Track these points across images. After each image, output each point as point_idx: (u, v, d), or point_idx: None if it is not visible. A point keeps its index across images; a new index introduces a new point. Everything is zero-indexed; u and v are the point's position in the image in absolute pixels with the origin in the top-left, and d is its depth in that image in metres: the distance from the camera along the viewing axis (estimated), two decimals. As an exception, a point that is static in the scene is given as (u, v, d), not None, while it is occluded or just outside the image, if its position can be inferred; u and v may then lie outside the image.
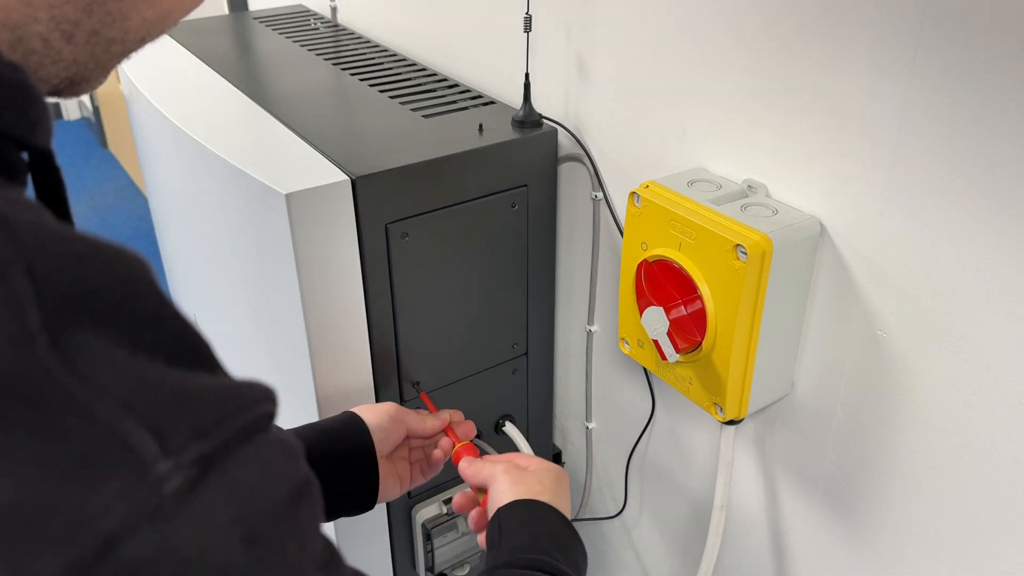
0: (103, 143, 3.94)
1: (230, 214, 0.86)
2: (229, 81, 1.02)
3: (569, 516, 0.68)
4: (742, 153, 0.72)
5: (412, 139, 0.85)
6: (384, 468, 0.74)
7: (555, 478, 0.70)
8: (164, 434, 0.27)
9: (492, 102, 0.95)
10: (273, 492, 0.30)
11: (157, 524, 0.26)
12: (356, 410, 0.75)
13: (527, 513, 0.66)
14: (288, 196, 0.73)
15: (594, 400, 1.04)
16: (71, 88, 0.35)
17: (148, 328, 0.29)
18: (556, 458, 1.13)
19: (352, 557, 0.94)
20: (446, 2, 1.04)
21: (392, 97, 0.97)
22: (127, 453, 0.26)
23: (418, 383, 0.89)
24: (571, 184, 0.93)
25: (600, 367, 1.00)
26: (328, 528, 0.90)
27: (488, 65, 1.00)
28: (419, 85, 1.01)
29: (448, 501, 0.98)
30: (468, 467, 0.73)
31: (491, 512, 0.67)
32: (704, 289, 0.68)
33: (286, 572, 0.30)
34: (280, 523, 0.30)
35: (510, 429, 0.98)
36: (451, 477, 0.98)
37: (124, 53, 0.36)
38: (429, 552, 0.97)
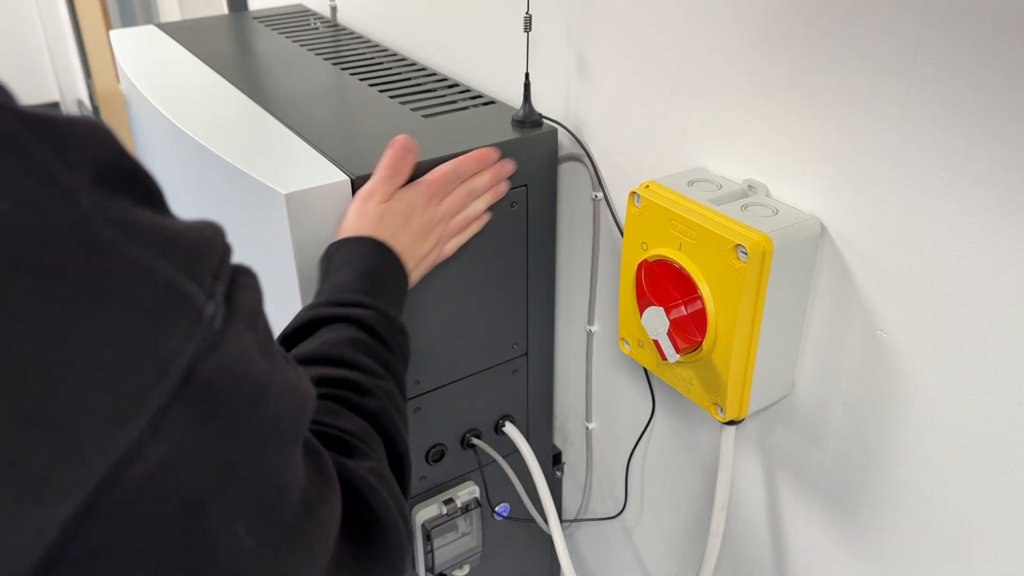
0: (103, 143, 3.93)
1: (230, 214, 0.86)
2: (229, 81, 1.02)
3: (406, 247, 0.73)
4: (742, 153, 0.72)
5: (412, 139, 0.84)
6: None
7: (402, 217, 0.74)
8: (200, 281, 0.33)
9: (492, 102, 0.95)
10: (261, 308, 0.39)
11: (214, 352, 0.33)
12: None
13: (354, 251, 0.70)
14: (288, 196, 0.73)
15: (594, 400, 1.03)
16: None
17: (134, 182, 0.33)
18: (556, 458, 1.13)
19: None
20: (446, 2, 1.04)
21: (392, 97, 0.97)
22: (185, 303, 0.33)
23: (418, 382, 0.89)
24: (571, 184, 0.93)
25: (600, 367, 1.00)
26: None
27: (488, 65, 0.99)
28: (419, 85, 1.01)
29: (448, 501, 0.98)
30: None
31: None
32: (704, 289, 0.68)
33: (279, 367, 0.39)
34: (268, 332, 0.40)
35: (510, 429, 0.98)
36: (451, 477, 0.98)
37: None
38: (429, 552, 0.97)
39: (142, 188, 0.34)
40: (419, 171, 0.79)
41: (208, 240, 0.36)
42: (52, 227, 0.29)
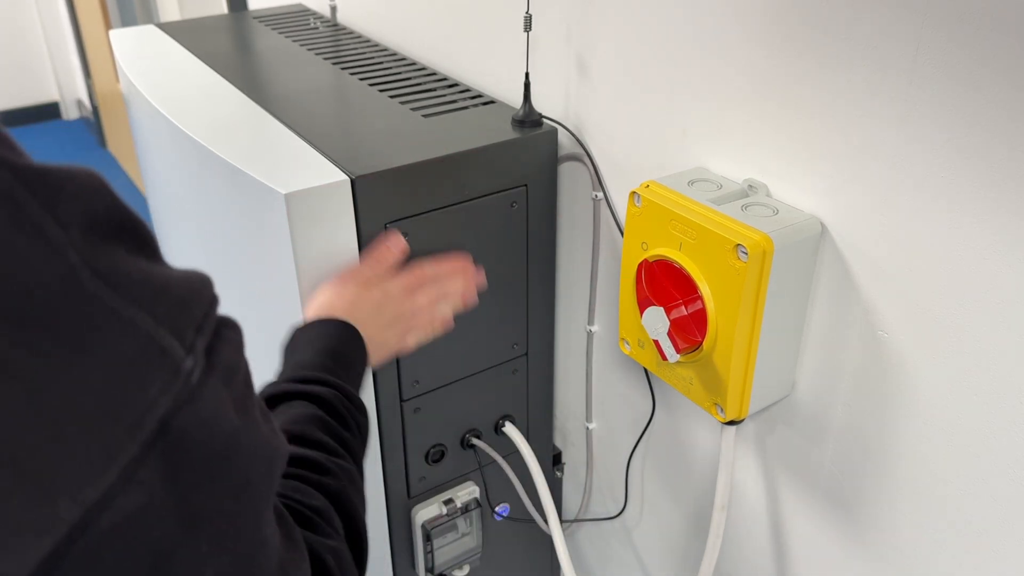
0: (102, 143, 3.94)
1: (230, 214, 0.86)
2: (229, 81, 1.02)
3: (373, 333, 0.74)
4: (743, 152, 0.72)
5: (412, 139, 0.84)
6: None
7: (375, 305, 0.76)
8: (182, 335, 0.34)
9: (492, 102, 0.95)
10: (241, 362, 0.40)
11: (189, 405, 0.34)
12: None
13: (320, 330, 0.72)
14: (287, 196, 0.73)
15: (594, 400, 1.03)
16: None
17: (128, 232, 0.35)
18: (556, 459, 1.13)
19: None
20: (446, 2, 1.04)
21: (392, 97, 0.97)
22: (164, 356, 0.33)
23: (417, 382, 0.89)
24: (571, 184, 0.93)
25: (600, 367, 1.00)
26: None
27: (488, 65, 0.99)
28: (419, 85, 1.01)
29: (448, 502, 0.98)
30: None
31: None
32: (704, 289, 0.68)
33: (253, 421, 0.40)
34: (247, 385, 0.40)
35: (510, 429, 0.98)
36: (452, 477, 0.98)
37: None
38: (429, 552, 0.97)
39: (136, 238, 0.35)
40: (421, 169, 0.79)
41: (195, 292, 0.36)
42: (36, 281, 0.30)
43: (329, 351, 0.70)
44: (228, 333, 0.39)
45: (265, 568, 0.41)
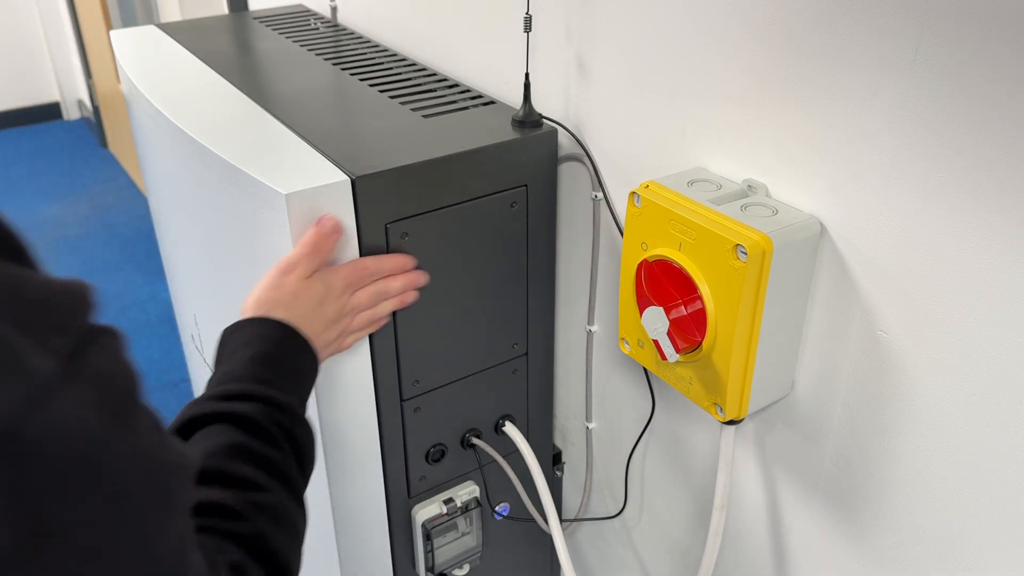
0: (103, 143, 3.94)
1: (230, 214, 0.86)
2: (229, 81, 1.02)
3: (317, 330, 0.68)
4: (742, 153, 0.72)
5: (412, 139, 0.85)
6: None
7: (318, 300, 0.70)
8: (38, 334, 0.33)
9: (492, 102, 0.95)
10: (121, 370, 0.38)
11: (42, 410, 0.33)
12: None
13: (253, 332, 0.65)
14: (288, 196, 0.73)
15: (594, 400, 1.04)
16: None
17: (3, 241, 0.34)
18: (556, 458, 1.13)
19: (352, 556, 0.94)
20: (446, 2, 1.04)
21: (392, 97, 0.97)
22: (10, 354, 0.32)
23: (418, 382, 0.89)
24: (571, 184, 0.93)
25: (600, 367, 1.00)
26: (328, 524, 0.90)
27: (488, 65, 1.00)
28: (419, 85, 1.01)
29: (448, 501, 0.98)
30: None
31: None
32: (704, 289, 0.68)
33: (132, 431, 0.37)
34: (128, 395, 0.38)
35: (510, 429, 0.98)
36: (452, 477, 0.98)
37: None
38: (429, 552, 0.98)
39: (7, 246, 0.34)
40: (421, 169, 0.79)
41: (62, 296, 0.35)
42: None
43: (262, 357, 0.63)
44: (106, 339, 0.37)
45: None
